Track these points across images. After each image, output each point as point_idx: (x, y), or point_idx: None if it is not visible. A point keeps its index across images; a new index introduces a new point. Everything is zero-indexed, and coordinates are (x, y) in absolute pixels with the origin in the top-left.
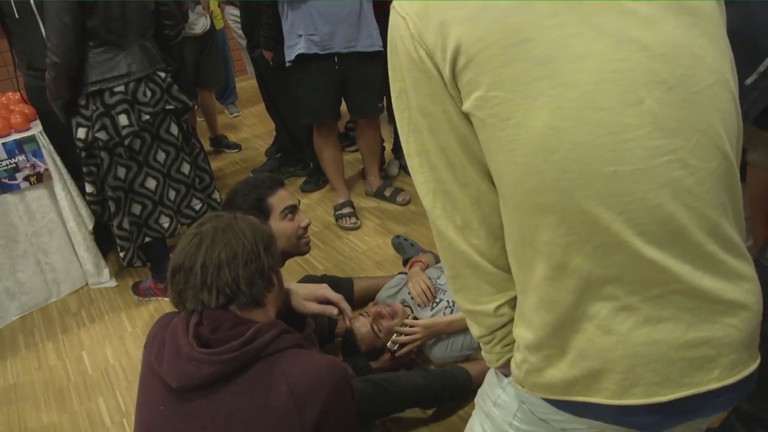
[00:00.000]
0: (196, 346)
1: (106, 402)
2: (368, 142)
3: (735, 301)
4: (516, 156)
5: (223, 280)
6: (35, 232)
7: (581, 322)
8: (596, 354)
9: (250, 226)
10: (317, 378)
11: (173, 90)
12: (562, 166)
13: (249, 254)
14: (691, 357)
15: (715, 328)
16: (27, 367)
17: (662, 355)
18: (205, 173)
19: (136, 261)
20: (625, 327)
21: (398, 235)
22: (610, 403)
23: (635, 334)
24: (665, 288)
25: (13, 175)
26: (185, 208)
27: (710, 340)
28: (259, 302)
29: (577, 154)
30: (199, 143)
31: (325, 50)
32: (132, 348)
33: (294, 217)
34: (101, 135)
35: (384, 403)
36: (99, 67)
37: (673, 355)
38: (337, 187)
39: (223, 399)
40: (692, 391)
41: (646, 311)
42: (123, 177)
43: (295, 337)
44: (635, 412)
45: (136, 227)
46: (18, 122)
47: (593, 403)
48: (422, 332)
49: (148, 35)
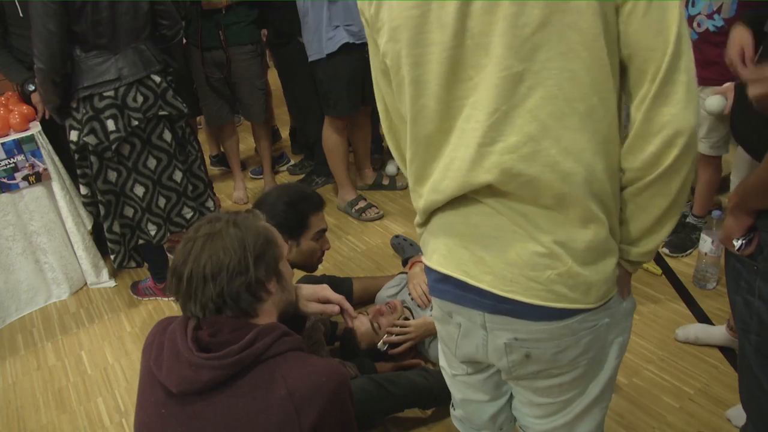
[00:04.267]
0: (195, 351)
1: (105, 402)
2: (364, 134)
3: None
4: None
5: (207, 294)
6: (34, 232)
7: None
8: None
9: (243, 232)
10: (317, 382)
11: (168, 95)
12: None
13: (235, 267)
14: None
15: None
16: (26, 367)
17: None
18: (199, 181)
19: (129, 263)
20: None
21: (397, 235)
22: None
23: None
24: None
25: (12, 175)
26: (176, 216)
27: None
28: (249, 314)
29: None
30: (196, 150)
31: (360, 40)
32: (131, 348)
33: (320, 240)
34: (90, 139)
35: (383, 403)
36: (89, 73)
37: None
38: (346, 183)
39: (223, 402)
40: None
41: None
42: (114, 180)
43: (295, 340)
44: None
45: (129, 229)
46: (17, 122)
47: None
48: (414, 331)
49: (143, 37)
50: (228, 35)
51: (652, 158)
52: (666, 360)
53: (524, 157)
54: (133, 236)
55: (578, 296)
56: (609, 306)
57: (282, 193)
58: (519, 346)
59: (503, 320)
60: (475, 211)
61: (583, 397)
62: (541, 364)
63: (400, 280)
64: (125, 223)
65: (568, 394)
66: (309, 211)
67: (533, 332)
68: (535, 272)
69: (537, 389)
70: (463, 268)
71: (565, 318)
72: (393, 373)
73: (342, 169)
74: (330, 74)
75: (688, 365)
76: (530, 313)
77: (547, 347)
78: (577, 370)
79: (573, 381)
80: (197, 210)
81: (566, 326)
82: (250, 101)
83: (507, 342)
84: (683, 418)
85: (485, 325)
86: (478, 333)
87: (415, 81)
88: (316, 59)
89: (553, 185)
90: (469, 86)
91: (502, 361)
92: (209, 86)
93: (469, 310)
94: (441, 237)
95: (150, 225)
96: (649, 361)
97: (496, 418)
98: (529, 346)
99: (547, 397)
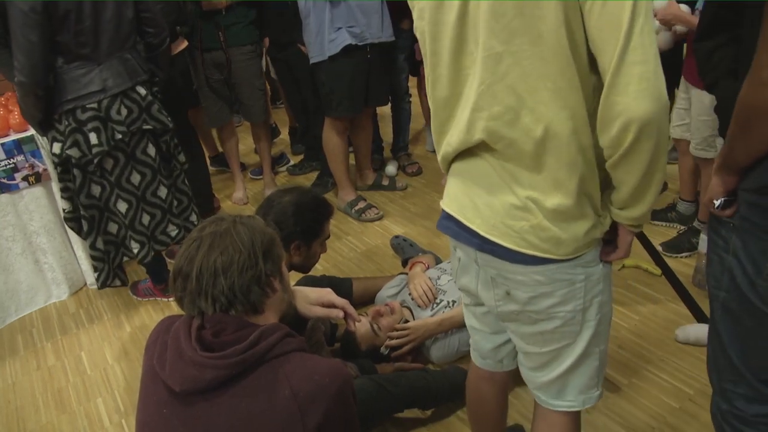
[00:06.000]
0: (199, 350)
1: (105, 402)
2: (366, 135)
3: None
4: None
5: (218, 288)
6: (34, 232)
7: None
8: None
9: (250, 230)
10: (320, 382)
11: (153, 109)
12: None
13: (246, 261)
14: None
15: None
16: (26, 368)
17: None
18: (183, 195)
19: (114, 281)
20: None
21: (397, 236)
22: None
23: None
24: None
25: (11, 176)
26: (160, 234)
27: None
28: (257, 309)
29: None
30: (181, 163)
31: (362, 41)
32: (131, 348)
33: (323, 244)
34: (73, 152)
35: (383, 403)
36: (73, 84)
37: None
38: (346, 184)
39: (226, 402)
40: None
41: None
42: (98, 195)
43: (298, 341)
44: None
45: (114, 246)
46: (17, 122)
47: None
48: (414, 334)
49: (128, 46)
50: (228, 36)
51: (613, 141)
52: (666, 360)
53: (506, 123)
54: (118, 253)
55: (549, 247)
56: (585, 264)
57: (300, 199)
58: (501, 283)
59: (488, 258)
60: (475, 164)
61: (570, 351)
62: (519, 305)
63: (400, 280)
64: (109, 240)
65: (553, 345)
66: (324, 217)
67: (510, 272)
68: (513, 221)
69: (524, 335)
70: (462, 210)
71: (537, 264)
72: (393, 374)
73: (342, 170)
74: (332, 76)
75: (687, 365)
76: (508, 256)
77: (524, 290)
78: (555, 321)
79: (554, 331)
80: (182, 227)
81: (539, 272)
82: (250, 102)
83: (493, 276)
84: (683, 418)
85: (477, 260)
86: (472, 266)
87: (434, 53)
88: (318, 61)
89: (528, 148)
90: (471, 59)
91: (489, 294)
92: (209, 87)
93: (465, 246)
94: (452, 183)
95: (133, 243)
96: (648, 361)
97: (498, 351)
98: (509, 285)
99: (533, 346)
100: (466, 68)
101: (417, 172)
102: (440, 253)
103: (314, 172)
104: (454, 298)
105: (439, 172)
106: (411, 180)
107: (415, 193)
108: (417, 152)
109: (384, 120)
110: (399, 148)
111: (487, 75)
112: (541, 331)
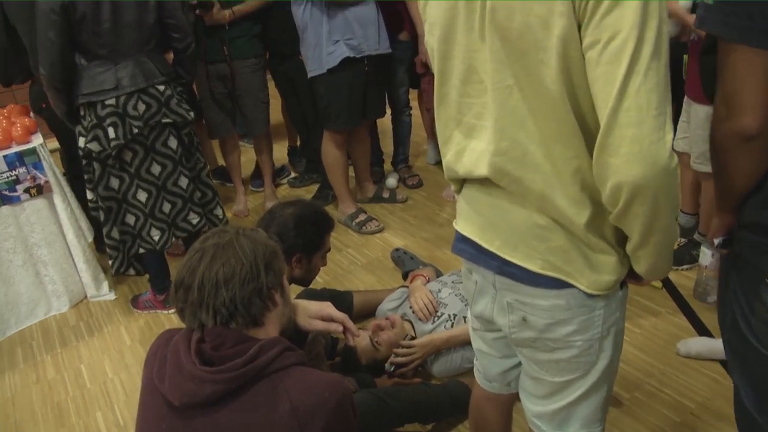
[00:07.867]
0: (198, 364)
1: (104, 416)
2: (364, 148)
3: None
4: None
5: (220, 299)
6: (35, 244)
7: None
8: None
9: (252, 242)
10: (320, 396)
11: (172, 103)
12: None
13: (248, 273)
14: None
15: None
16: (25, 381)
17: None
18: (208, 188)
19: (129, 269)
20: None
21: (397, 249)
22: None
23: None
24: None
25: (13, 187)
26: (181, 222)
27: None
28: (258, 322)
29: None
30: (204, 158)
31: (360, 53)
32: (131, 362)
33: (323, 258)
34: (93, 146)
35: (383, 418)
36: (90, 81)
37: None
38: (346, 197)
39: (225, 417)
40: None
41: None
42: (116, 188)
43: (297, 355)
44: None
45: (130, 237)
46: (19, 134)
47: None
48: (420, 351)
49: (147, 49)
50: (232, 49)
51: (607, 200)
52: (667, 374)
53: (512, 159)
54: (134, 244)
55: (572, 271)
56: (607, 294)
57: (302, 212)
58: (518, 308)
59: (507, 282)
60: (490, 187)
61: (582, 382)
62: (536, 332)
63: (401, 293)
64: (125, 230)
65: (567, 375)
66: (326, 230)
67: (530, 296)
68: (537, 242)
69: (539, 362)
70: (479, 231)
71: (558, 288)
72: (393, 387)
73: (342, 182)
74: (331, 89)
75: (689, 379)
76: (529, 279)
77: (542, 315)
78: (573, 349)
79: (569, 361)
80: (204, 216)
81: (560, 296)
82: (254, 114)
83: (510, 301)
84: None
85: (495, 284)
86: (489, 290)
87: (441, 71)
88: (316, 75)
89: (536, 187)
90: (480, 88)
91: (504, 320)
92: (212, 99)
93: (483, 269)
94: (466, 203)
95: (153, 230)
96: (649, 374)
97: (506, 375)
98: (527, 310)
99: (546, 373)
100: (472, 96)
101: (417, 184)
102: (441, 265)
103: (315, 185)
104: (455, 312)
105: (440, 185)
106: (411, 192)
107: (416, 205)
108: (418, 165)
109: (384, 132)
110: (399, 161)
111: (497, 109)
112: (556, 360)
